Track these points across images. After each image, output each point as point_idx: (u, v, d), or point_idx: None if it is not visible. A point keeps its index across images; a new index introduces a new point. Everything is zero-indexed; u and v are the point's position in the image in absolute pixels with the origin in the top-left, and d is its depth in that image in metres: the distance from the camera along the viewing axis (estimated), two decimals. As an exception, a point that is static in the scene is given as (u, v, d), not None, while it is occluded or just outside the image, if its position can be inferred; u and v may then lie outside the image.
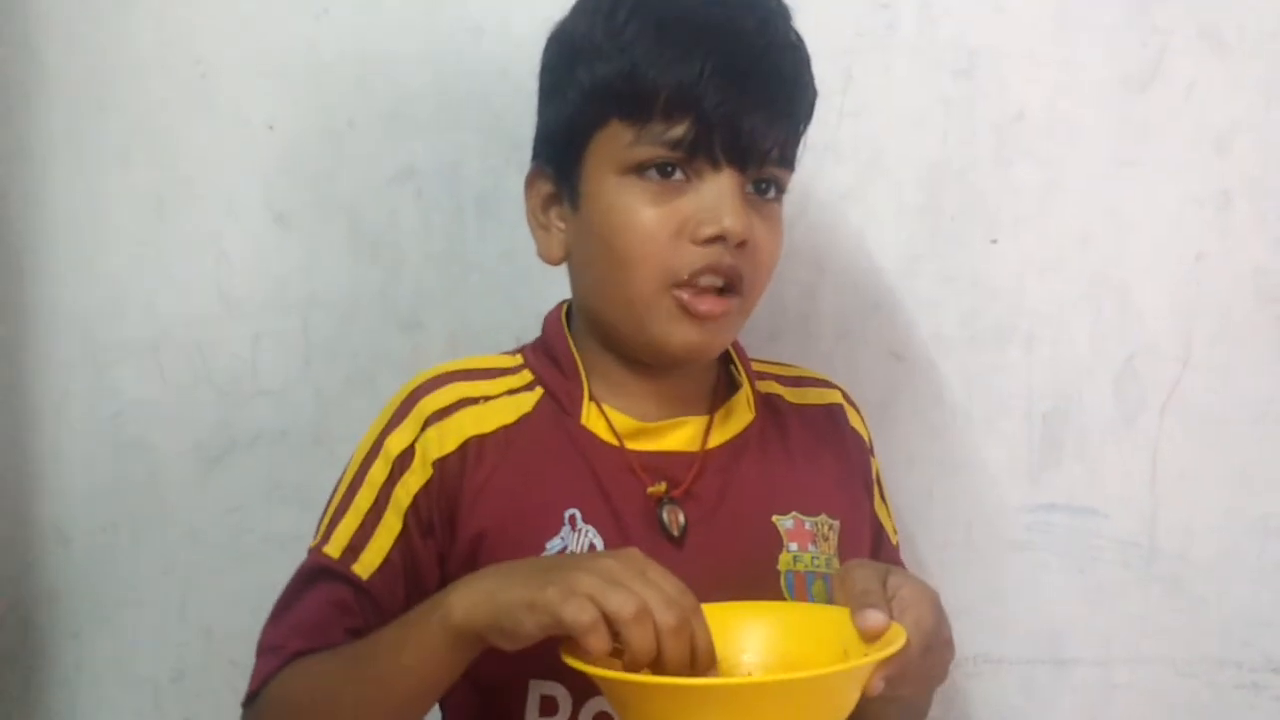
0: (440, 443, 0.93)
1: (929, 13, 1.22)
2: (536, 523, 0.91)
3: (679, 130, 0.89)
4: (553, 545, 0.91)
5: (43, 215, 1.28)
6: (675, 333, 0.92)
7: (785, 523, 0.96)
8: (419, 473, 0.93)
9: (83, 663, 1.30)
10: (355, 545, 0.92)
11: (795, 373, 1.07)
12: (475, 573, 0.82)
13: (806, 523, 0.97)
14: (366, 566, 0.92)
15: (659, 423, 0.96)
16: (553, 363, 0.98)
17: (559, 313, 1.01)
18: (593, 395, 0.97)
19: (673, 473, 0.95)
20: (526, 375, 0.98)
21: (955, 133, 1.22)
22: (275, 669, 0.90)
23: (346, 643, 0.89)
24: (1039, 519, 1.23)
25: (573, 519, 0.92)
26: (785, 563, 0.95)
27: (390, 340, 1.27)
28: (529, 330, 1.03)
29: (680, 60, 0.88)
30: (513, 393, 0.97)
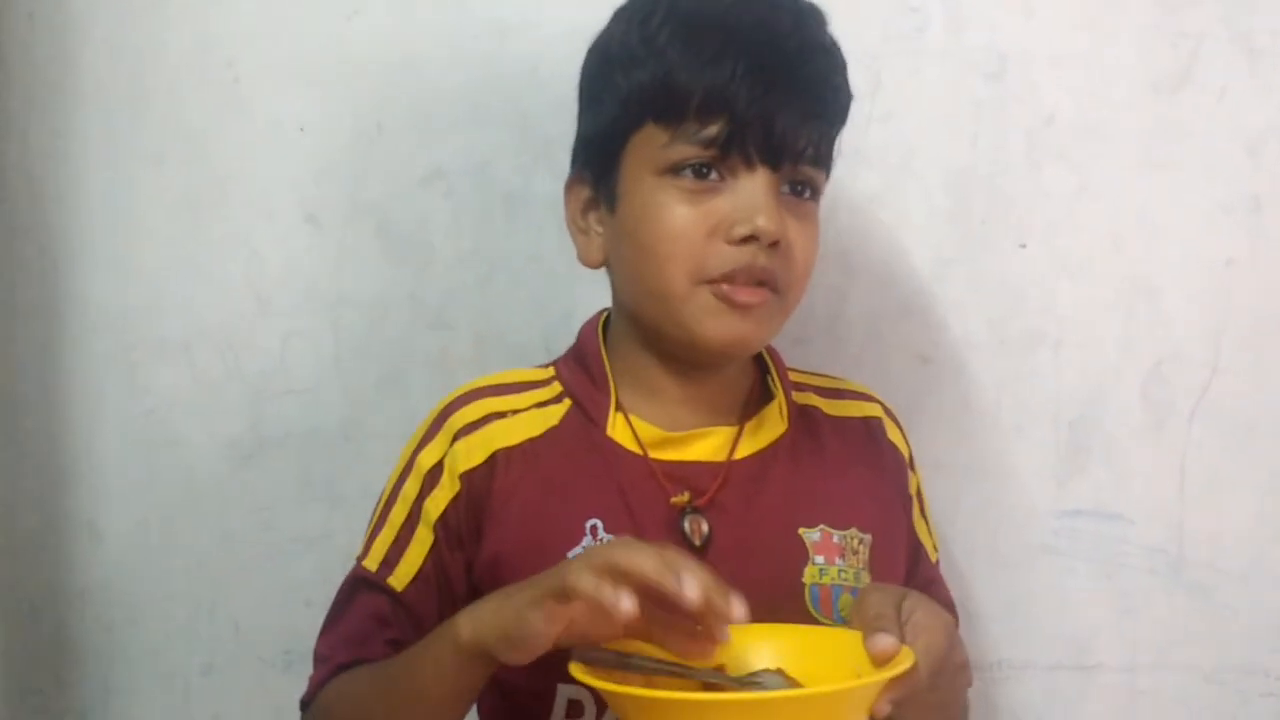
0: (468, 456, 0.95)
1: (958, 16, 1.21)
2: (559, 533, 0.92)
3: (713, 130, 0.89)
4: (574, 556, 0.90)
5: (78, 215, 1.29)
6: (715, 326, 0.92)
7: (812, 535, 0.96)
8: (447, 487, 0.95)
9: (114, 657, 1.32)
10: (390, 558, 0.96)
11: (834, 384, 1.06)
12: (481, 598, 0.84)
13: (835, 536, 0.96)
14: (401, 578, 0.95)
15: (686, 432, 0.96)
16: (584, 370, 0.99)
17: (596, 321, 1.02)
18: (621, 405, 0.97)
19: (697, 482, 0.95)
20: (556, 388, 0.99)
21: (985, 137, 1.22)
22: (324, 679, 0.95)
23: (386, 654, 0.94)
24: (1066, 525, 1.23)
25: (594, 529, 0.92)
26: (811, 575, 0.94)
27: (419, 340, 1.27)
28: (556, 330, 1.04)
29: (713, 62, 0.89)
30: (541, 405, 0.98)
